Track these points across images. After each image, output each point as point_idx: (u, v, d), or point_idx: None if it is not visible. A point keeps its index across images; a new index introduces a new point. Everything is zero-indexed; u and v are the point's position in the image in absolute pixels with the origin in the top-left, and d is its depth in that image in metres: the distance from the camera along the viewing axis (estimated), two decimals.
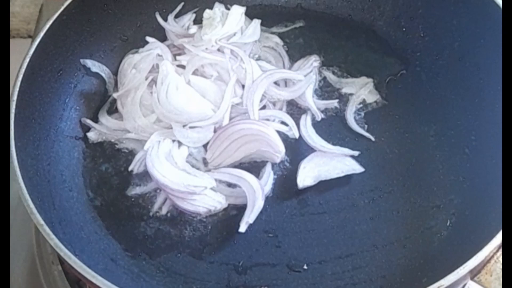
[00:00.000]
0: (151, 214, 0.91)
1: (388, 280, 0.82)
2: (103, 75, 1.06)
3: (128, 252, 0.87)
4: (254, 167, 0.94)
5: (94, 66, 1.05)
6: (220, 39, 1.03)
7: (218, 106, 0.95)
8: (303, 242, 0.87)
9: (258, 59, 1.08)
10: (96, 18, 1.05)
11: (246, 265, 0.85)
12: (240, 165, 0.94)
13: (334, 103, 1.02)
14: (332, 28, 1.13)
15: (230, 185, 0.91)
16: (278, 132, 0.94)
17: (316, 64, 1.06)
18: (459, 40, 1.00)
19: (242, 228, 0.85)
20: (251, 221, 0.85)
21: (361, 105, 1.02)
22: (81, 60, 1.03)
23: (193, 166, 0.93)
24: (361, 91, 1.03)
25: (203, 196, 0.88)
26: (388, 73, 1.05)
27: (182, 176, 0.89)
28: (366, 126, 0.99)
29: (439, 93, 1.01)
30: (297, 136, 0.96)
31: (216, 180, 0.90)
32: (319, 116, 0.99)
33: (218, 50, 1.02)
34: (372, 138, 0.97)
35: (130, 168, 0.95)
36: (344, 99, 1.03)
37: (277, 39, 1.12)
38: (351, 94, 1.03)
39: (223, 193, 0.90)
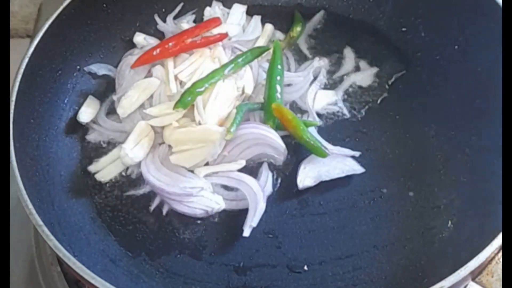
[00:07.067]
0: (150, 215, 0.90)
1: (388, 281, 0.82)
2: (111, 74, 1.06)
3: (128, 253, 0.87)
4: (251, 168, 0.93)
5: (100, 69, 1.05)
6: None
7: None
8: (303, 243, 0.86)
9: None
10: (95, 18, 1.04)
11: (246, 266, 0.85)
12: None
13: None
14: (332, 28, 1.13)
15: (229, 188, 0.91)
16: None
17: (319, 65, 1.06)
18: (459, 40, 1.00)
19: (246, 232, 0.84)
20: (254, 225, 0.85)
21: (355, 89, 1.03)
22: (85, 68, 1.03)
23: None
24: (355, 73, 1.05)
25: (199, 198, 0.88)
26: (389, 73, 1.05)
27: (178, 179, 0.88)
28: (366, 125, 0.99)
29: (439, 93, 1.01)
30: None
31: (215, 184, 0.90)
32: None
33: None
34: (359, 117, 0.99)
35: (128, 172, 0.95)
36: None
37: (279, 34, 1.12)
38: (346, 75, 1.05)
39: (223, 197, 0.90)
